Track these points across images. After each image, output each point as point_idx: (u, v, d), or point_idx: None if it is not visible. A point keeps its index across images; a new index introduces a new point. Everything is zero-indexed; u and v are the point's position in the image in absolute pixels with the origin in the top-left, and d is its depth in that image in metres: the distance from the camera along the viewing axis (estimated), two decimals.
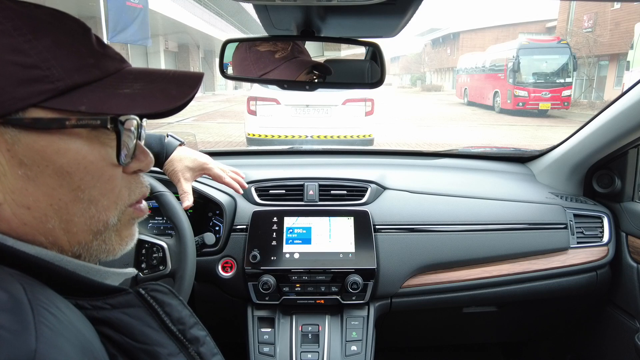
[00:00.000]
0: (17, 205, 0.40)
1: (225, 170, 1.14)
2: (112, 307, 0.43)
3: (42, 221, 0.41)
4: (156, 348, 0.44)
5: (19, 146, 0.39)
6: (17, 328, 0.31)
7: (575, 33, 17.28)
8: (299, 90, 0.97)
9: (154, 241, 1.03)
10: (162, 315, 0.47)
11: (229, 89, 28.08)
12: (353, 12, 0.79)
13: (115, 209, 0.46)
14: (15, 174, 0.39)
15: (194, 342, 0.48)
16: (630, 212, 1.33)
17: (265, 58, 0.94)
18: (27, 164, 0.39)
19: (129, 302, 0.45)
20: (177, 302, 0.49)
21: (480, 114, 14.87)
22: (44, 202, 0.41)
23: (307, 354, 1.13)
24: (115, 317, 0.43)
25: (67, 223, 0.43)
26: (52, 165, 0.40)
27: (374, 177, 1.36)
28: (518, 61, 14.13)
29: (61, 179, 0.41)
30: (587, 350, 1.55)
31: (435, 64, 39.03)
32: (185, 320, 0.49)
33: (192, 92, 0.46)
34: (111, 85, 0.43)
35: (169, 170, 1.05)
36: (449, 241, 1.26)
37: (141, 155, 0.49)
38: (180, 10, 15.30)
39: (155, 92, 0.44)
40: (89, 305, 0.42)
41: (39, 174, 0.40)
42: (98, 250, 0.47)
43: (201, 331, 0.50)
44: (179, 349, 0.46)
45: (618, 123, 1.24)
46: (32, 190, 0.40)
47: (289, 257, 1.18)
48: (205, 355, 0.49)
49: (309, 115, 5.45)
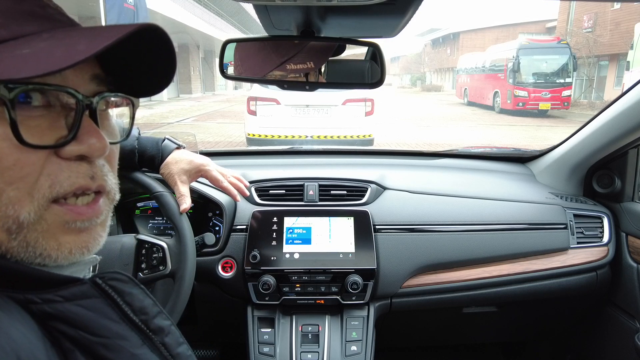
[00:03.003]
0: None
1: (225, 174, 1.11)
2: (65, 300, 0.40)
3: None
4: (117, 341, 0.41)
5: None
6: None
7: (575, 33, 17.29)
8: (299, 90, 0.97)
9: (154, 241, 1.03)
10: (123, 305, 0.43)
11: (229, 89, 28.09)
12: (353, 12, 0.79)
13: (30, 203, 0.38)
14: None
15: (158, 332, 0.45)
16: (630, 212, 1.33)
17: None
18: None
19: (84, 293, 0.41)
20: (138, 291, 0.45)
21: (480, 114, 14.88)
22: None
23: (307, 354, 1.13)
24: (69, 311, 0.39)
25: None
26: None
27: (374, 177, 1.36)
28: (518, 61, 14.14)
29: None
30: (587, 350, 1.55)
31: (435, 64, 39.04)
32: (148, 310, 0.45)
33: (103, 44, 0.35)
34: (12, 47, 0.36)
35: (165, 174, 1.05)
36: (449, 241, 1.26)
37: (84, 136, 0.40)
38: (180, 10, 15.31)
39: (58, 48, 0.35)
40: (39, 299, 0.38)
41: None
42: (25, 254, 0.40)
43: (165, 320, 0.47)
44: (143, 341, 0.43)
45: (618, 123, 1.24)
46: None
47: (289, 257, 1.18)
48: (171, 345, 0.46)
49: (309, 115, 5.45)
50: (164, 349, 0.45)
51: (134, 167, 1.04)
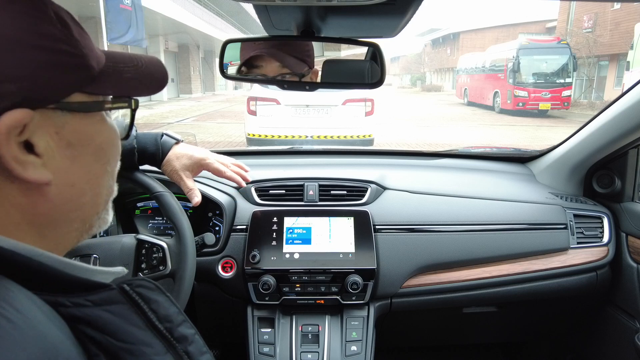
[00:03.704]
0: (63, 184, 0.42)
1: (226, 163, 1.12)
2: (94, 304, 0.41)
3: (79, 196, 0.45)
4: (141, 347, 0.41)
5: (66, 129, 0.42)
6: None
7: (575, 33, 17.28)
8: (299, 90, 0.97)
9: (154, 241, 1.03)
10: (148, 312, 0.44)
11: (229, 89, 28.08)
12: (353, 13, 0.79)
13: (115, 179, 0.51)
14: (62, 155, 0.42)
15: (181, 340, 0.46)
16: (630, 212, 1.33)
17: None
18: (74, 144, 0.43)
19: (112, 299, 0.42)
20: (164, 299, 0.47)
21: (480, 114, 14.87)
22: (83, 178, 0.45)
23: (307, 354, 1.13)
24: (97, 315, 0.40)
25: (96, 196, 0.47)
26: (93, 144, 0.45)
27: (374, 177, 1.36)
28: (518, 61, 14.13)
29: (97, 155, 0.46)
30: (587, 351, 1.55)
31: (435, 64, 39.04)
32: (172, 318, 0.46)
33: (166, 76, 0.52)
34: (114, 70, 0.46)
35: (168, 171, 1.05)
36: (449, 241, 1.26)
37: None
38: (180, 10, 15.31)
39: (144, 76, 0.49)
40: (69, 302, 0.39)
41: (82, 153, 0.44)
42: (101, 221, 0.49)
43: (189, 329, 0.47)
44: (167, 349, 0.44)
45: (618, 123, 1.24)
46: (75, 168, 0.43)
47: (289, 257, 1.18)
48: (194, 354, 0.46)
49: (309, 115, 5.44)
50: (187, 357, 0.45)
51: (133, 167, 1.04)
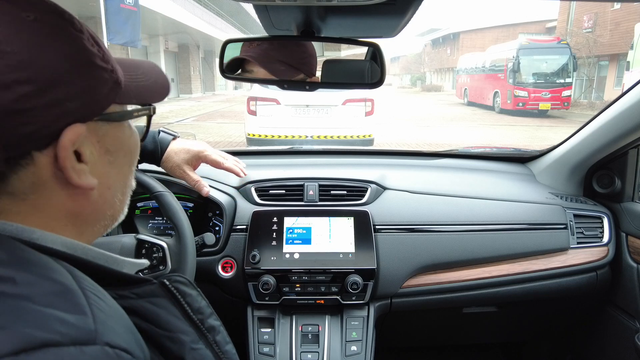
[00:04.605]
0: (103, 187, 0.47)
1: (224, 156, 1.12)
2: (138, 297, 0.46)
3: (113, 196, 0.49)
4: (180, 335, 0.46)
5: (106, 137, 0.46)
6: (76, 311, 0.34)
7: (575, 33, 17.27)
8: (299, 90, 0.97)
9: (154, 241, 1.03)
10: (184, 305, 0.50)
11: (229, 89, 28.08)
12: (353, 12, 0.79)
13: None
14: (103, 161, 0.46)
15: (211, 331, 0.51)
16: (630, 212, 1.33)
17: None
18: (112, 150, 0.47)
19: (154, 292, 0.48)
20: (196, 293, 0.52)
21: (480, 114, 14.87)
22: (117, 180, 0.49)
23: (307, 354, 1.13)
24: (142, 306, 0.45)
25: (124, 194, 0.52)
26: (126, 148, 0.50)
27: (374, 177, 1.36)
28: (518, 61, 14.13)
29: (127, 158, 0.51)
30: (587, 351, 1.55)
31: (435, 64, 39.03)
32: (203, 310, 0.51)
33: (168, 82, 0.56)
34: (129, 79, 0.49)
35: (169, 167, 1.05)
36: (449, 241, 1.26)
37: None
38: (180, 10, 15.30)
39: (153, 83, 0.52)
40: (116, 295, 0.44)
41: (117, 158, 0.48)
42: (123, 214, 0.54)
43: (216, 321, 0.53)
44: (199, 337, 0.49)
45: (618, 123, 1.24)
46: (113, 172, 0.48)
47: (289, 257, 1.18)
48: (221, 343, 0.52)
49: (309, 115, 5.44)
50: (215, 346, 0.51)
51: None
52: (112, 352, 0.33)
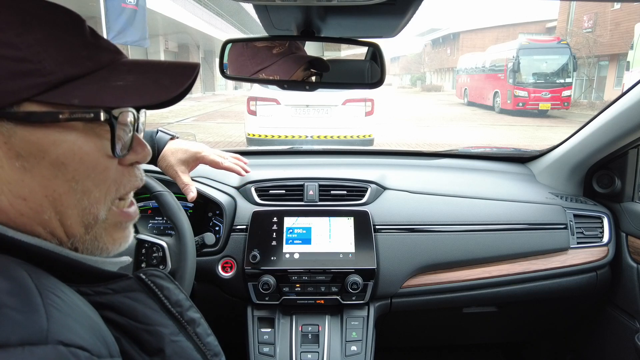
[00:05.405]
0: (13, 196, 0.41)
1: (223, 155, 1.11)
2: (114, 292, 0.45)
3: (38, 212, 0.42)
4: (158, 328, 0.46)
5: (15, 139, 0.39)
6: (28, 310, 0.33)
7: (575, 33, 17.28)
8: (299, 90, 0.97)
9: (154, 241, 1.03)
10: (162, 298, 0.49)
11: (229, 89, 28.08)
12: (353, 12, 0.79)
13: (104, 203, 0.47)
14: (12, 166, 0.40)
15: (191, 323, 0.51)
16: (630, 212, 1.33)
17: (262, 54, 0.94)
18: (24, 155, 0.40)
19: (131, 287, 0.47)
20: (173, 287, 0.52)
21: (480, 114, 14.87)
22: (39, 193, 0.42)
23: (307, 354, 1.13)
24: (118, 301, 0.45)
25: (62, 215, 0.43)
26: (48, 156, 0.41)
27: (374, 177, 1.36)
28: (518, 61, 14.13)
29: (56, 169, 0.42)
30: (587, 350, 1.55)
31: (435, 64, 39.04)
32: (182, 303, 0.51)
33: (186, 82, 0.45)
34: (104, 77, 0.43)
35: (164, 166, 1.04)
36: (449, 241, 1.26)
37: (138, 147, 0.50)
38: (180, 10, 15.30)
39: (148, 83, 0.44)
40: (91, 291, 0.43)
41: (35, 165, 0.41)
42: (92, 246, 0.47)
43: (196, 313, 0.52)
44: (179, 330, 0.49)
45: (618, 123, 1.24)
46: (28, 181, 0.41)
47: (289, 257, 1.18)
48: (202, 335, 0.51)
49: (309, 115, 5.45)
50: (196, 337, 0.50)
51: None
52: (65, 351, 0.32)
